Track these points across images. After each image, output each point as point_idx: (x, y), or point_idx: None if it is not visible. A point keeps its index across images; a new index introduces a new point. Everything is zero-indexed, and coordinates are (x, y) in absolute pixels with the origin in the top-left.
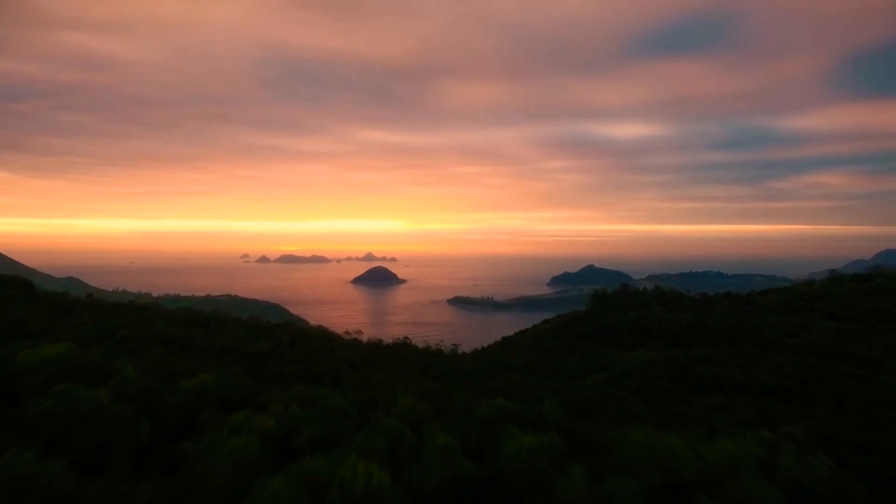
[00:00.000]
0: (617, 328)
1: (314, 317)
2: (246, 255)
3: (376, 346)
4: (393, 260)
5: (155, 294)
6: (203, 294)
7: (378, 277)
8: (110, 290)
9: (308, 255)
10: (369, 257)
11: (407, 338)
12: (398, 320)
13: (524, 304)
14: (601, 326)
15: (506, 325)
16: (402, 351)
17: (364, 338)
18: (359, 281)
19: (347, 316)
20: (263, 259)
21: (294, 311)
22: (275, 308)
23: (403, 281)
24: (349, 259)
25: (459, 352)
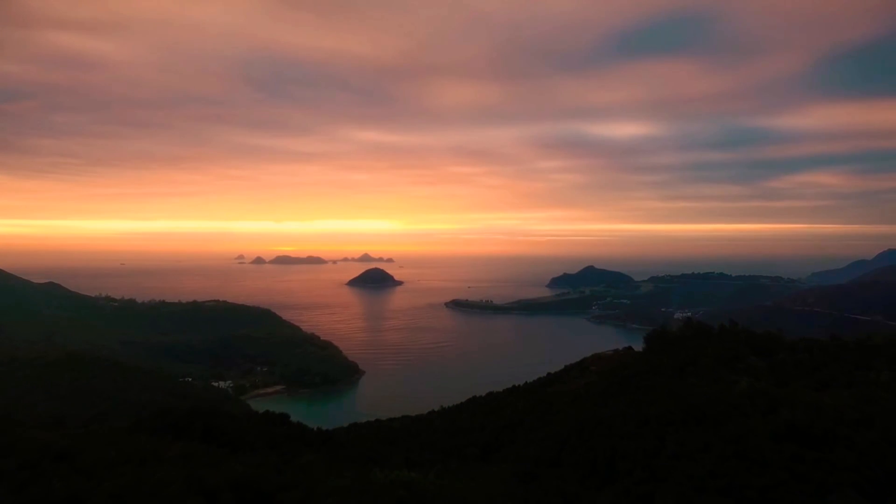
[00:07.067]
0: (738, 421)
1: (308, 322)
2: (241, 257)
3: None
4: (389, 261)
5: (140, 299)
6: (190, 300)
7: (374, 279)
8: (93, 295)
9: (304, 255)
10: (366, 258)
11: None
12: (396, 326)
13: (525, 307)
14: (693, 406)
15: (507, 330)
16: None
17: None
18: (355, 283)
19: (343, 321)
20: (258, 260)
21: (287, 315)
22: (266, 313)
23: (400, 283)
24: (345, 260)
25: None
